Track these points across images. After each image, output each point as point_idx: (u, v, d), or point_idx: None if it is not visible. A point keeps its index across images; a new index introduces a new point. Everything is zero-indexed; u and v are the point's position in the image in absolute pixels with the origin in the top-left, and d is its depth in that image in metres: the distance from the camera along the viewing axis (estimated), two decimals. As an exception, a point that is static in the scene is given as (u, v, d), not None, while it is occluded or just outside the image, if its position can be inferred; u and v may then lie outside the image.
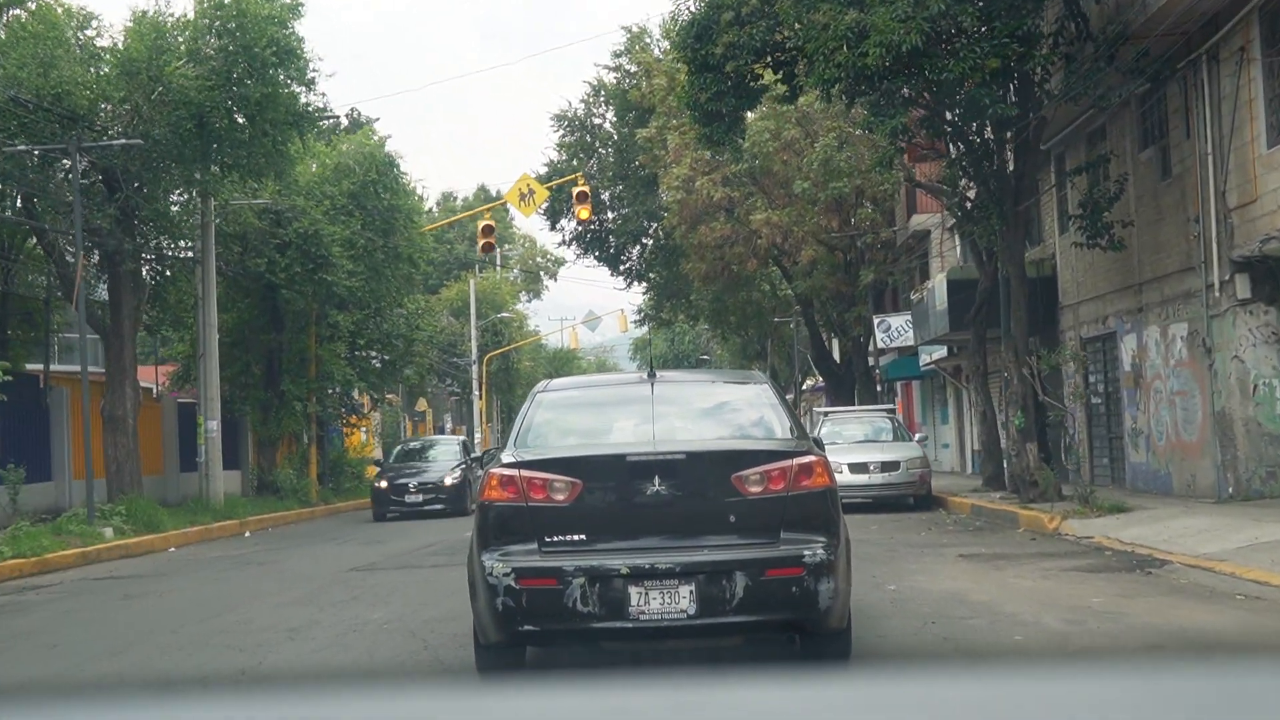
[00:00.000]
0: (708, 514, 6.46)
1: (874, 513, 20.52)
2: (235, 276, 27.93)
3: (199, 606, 11.58)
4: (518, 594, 6.23)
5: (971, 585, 10.66)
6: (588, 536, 6.41)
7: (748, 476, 6.44)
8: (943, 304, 22.89)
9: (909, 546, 14.36)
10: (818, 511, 6.52)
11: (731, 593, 6.19)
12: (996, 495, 19.78)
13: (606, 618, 6.20)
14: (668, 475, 6.44)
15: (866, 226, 29.85)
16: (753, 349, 56.78)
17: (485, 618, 6.42)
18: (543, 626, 6.35)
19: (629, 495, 6.47)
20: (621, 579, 6.20)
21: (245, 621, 10.10)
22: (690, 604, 6.19)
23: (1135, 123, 18.76)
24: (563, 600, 6.19)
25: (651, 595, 6.20)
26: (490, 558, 6.37)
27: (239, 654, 8.49)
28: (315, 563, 15.77)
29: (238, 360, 29.02)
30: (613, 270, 38.04)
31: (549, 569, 6.26)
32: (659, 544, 6.39)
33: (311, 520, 26.96)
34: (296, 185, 27.94)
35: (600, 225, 37.41)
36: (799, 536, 6.37)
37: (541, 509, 6.43)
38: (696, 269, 32.31)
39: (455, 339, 58.95)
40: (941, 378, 32.85)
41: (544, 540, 6.39)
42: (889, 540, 15.37)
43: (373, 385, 32.66)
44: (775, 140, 29.63)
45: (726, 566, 6.23)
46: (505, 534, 6.46)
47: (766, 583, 6.24)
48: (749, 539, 6.39)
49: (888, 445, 21.40)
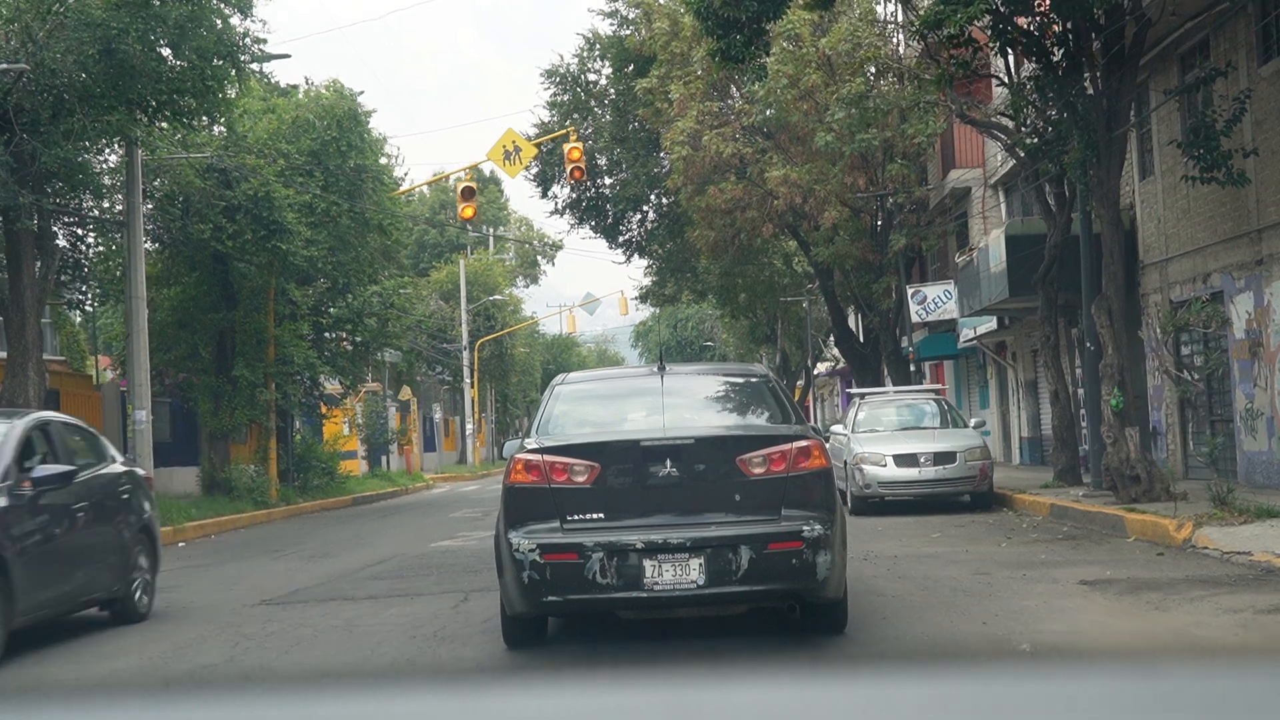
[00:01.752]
0: (714, 494, 6.97)
1: (924, 513, 16.98)
2: (180, 246, 24.40)
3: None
4: (542, 568, 6.73)
5: (1141, 642, 7.13)
6: (605, 515, 6.92)
7: (751, 459, 6.96)
8: (999, 265, 19.33)
9: (1001, 566, 10.82)
10: (815, 491, 6.98)
11: (737, 565, 6.72)
12: (1078, 492, 16.23)
13: (623, 589, 6.73)
14: (678, 459, 6.96)
15: (897, 185, 26.26)
16: (761, 331, 53.18)
17: (512, 590, 6.91)
18: (565, 597, 6.81)
19: (643, 477, 7.00)
20: (637, 553, 6.72)
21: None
22: (700, 575, 6.71)
23: (1252, 31, 15.18)
24: (583, 573, 6.70)
25: (664, 568, 6.71)
26: (517, 535, 6.86)
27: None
28: (224, 589, 12.25)
29: (183, 342, 25.49)
30: (611, 242, 34.34)
31: (570, 545, 6.76)
32: (670, 521, 6.91)
33: (268, 523, 23.43)
34: (246, 141, 24.40)
35: (596, 192, 33.72)
36: (798, 513, 6.86)
37: (563, 490, 6.93)
38: (704, 237, 28.71)
39: (446, 323, 55.41)
40: (980, 356, 29.28)
41: (565, 519, 6.91)
42: (967, 556, 11.84)
43: (341, 371, 29.02)
44: (794, 88, 26.04)
45: (732, 541, 6.75)
46: (530, 514, 6.94)
47: (769, 555, 6.76)
48: (752, 516, 6.89)
49: (940, 433, 17.87)
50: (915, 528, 15.24)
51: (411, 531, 19.03)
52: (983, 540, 13.43)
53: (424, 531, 18.78)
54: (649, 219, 34.09)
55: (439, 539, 16.83)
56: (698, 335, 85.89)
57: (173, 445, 28.32)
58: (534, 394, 74.98)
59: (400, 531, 19.25)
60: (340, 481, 31.20)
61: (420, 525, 20.54)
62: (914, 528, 15.25)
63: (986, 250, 20.30)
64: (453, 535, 17.33)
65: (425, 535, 17.84)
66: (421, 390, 57.87)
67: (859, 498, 17.41)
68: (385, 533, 19.08)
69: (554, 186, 33.60)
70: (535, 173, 33.33)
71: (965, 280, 22.33)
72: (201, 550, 17.83)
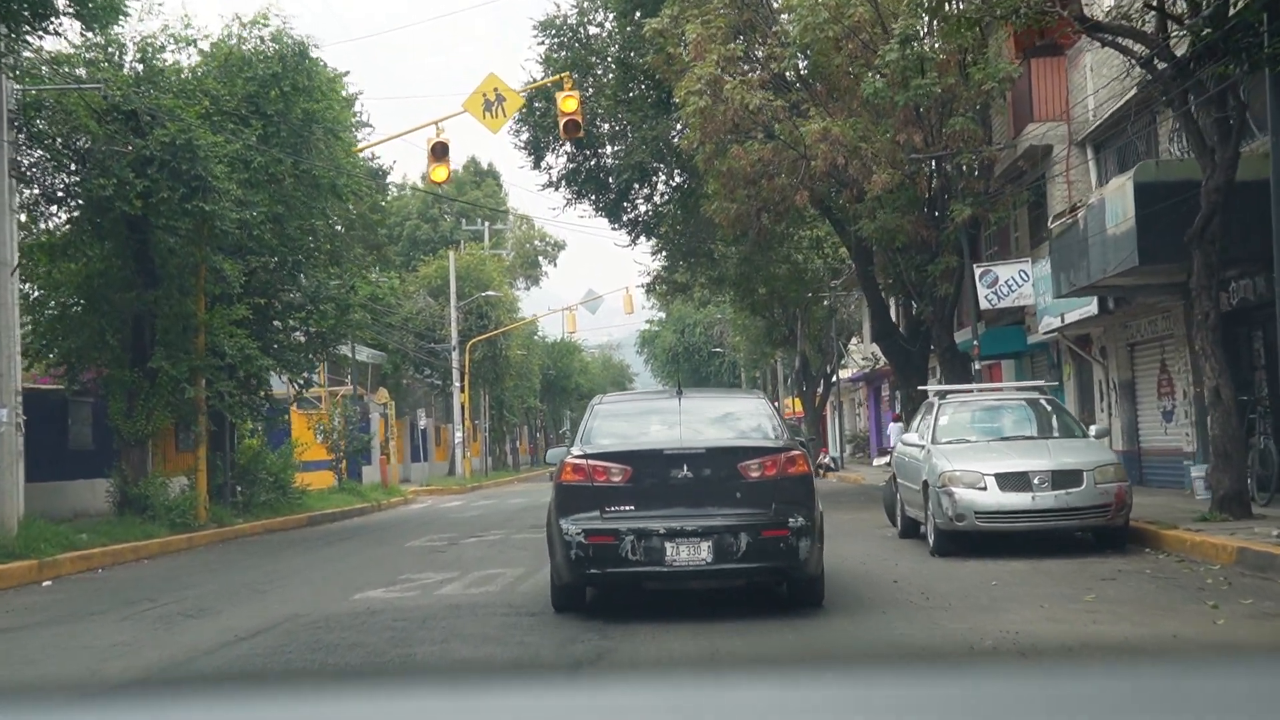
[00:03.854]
0: (720, 491, 8.90)
1: (1037, 553, 12.31)
2: (86, 211, 19.84)
3: None
4: (586, 548, 8.72)
5: None
6: (635, 507, 8.86)
7: (749, 465, 8.96)
8: (1123, 223, 14.63)
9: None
10: (799, 491, 8.95)
11: (738, 547, 8.67)
12: (1271, 531, 11.50)
13: (649, 564, 8.70)
14: (692, 464, 8.97)
15: (960, 144, 21.59)
16: (779, 333, 48.34)
17: (561, 566, 8.97)
18: (604, 570, 8.79)
19: (665, 478, 8.95)
20: (660, 537, 8.68)
21: None
22: (708, 555, 8.66)
23: None
24: (618, 552, 8.68)
25: (681, 548, 8.67)
26: (566, 522, 8.83)
27: None
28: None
29: (88, 326, 20.86)
30: (614, 221, 29.57)
31: (608, 530, 8.74)
32: (686, 512, 8.82)
33: (186, 552, 18.72)
34: (163, 78, 19.82)
35: (598, 162, 28.97)
36: (786, 508, 8.79)
37: (602, 488, 8.93)
38: (724, 210, 24.03)
39: (435, 321, 50.76)
40: (1052, 354, 24.57)
41: (604, 510, 8.87)
42: (1184, 645, 7.19)
43: (288, 365, 24.30)
44: (836, 23, 21.43)
45: (734, 528, 8.69)
46: (576, 505, 8.91)
47: (763, 540, 8.69)
48: (749, 509, 8.82)
49: (1055, 445, 13.17)
50: (1043, 581, 10.57)
51: (344, 570, 14.37)
52: (1169, 609, 8.78)
53: (359, 570, 14.13)
54: (658, 193, 29.32)
55: (371, 586, 12.20)
56: (706, 341, 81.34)
57: (96, 453, 23.78)
58: (532, 401, 70.42)
59: (329, 570, 14.59)
60: (296, 497, 26.51)
61: (361, 560, 15.88)
62: (1041, 581, 10.57)
63: (1101, 207, 15.55)
64: (393, 580, 12.68)
65: (356, 578, 13.18)
66: (409, 395, 53.26)
67: (946, 532, 12.75)
68: (307, 573, 14.38)
69: (548, 155, 28.86)
70: (526, 139, 28.60)
71: (1063, 252, 17.58)
72: (54, 597, 13.15)
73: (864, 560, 12.67)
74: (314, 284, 23.29)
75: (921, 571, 11.60)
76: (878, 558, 12.99)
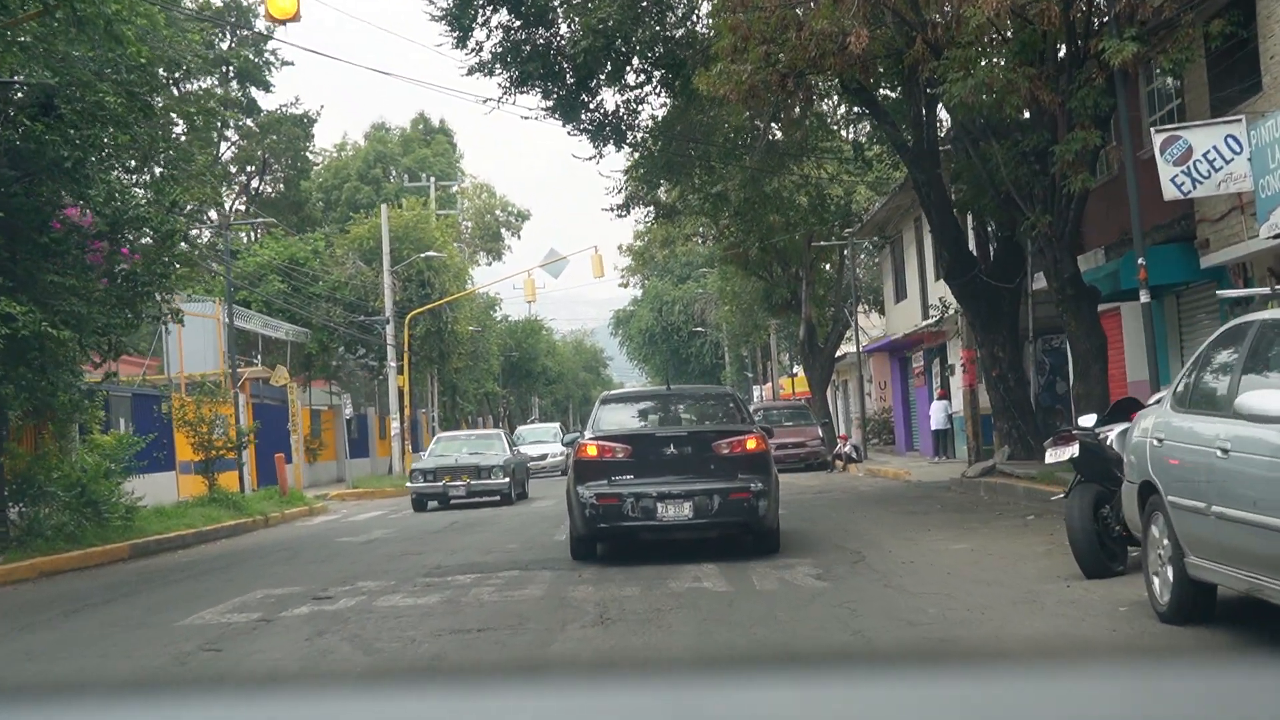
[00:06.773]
0: (698, 464, 11.87)
1: None
2: None
3: None
4: (596, 507, 11.64)
5: None
6: (635, 476, 11.78)
7: (720, 444, 11.97)
8: None
9: None
10: (758, 463, 11.86)
11: (712, 506, 11.57)
12: None
13: (644, 519, 11.61)
14: (677, 443, 12.11)
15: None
16: (780, 296, 39.90)
17: (578, 521, 11.89)
18: (611, 524, 11.68)
19: (658, 454, 11.98)
20: (652, 499, 11.58)
21: None
22: (690, 512, 11.57)
23: None
24: (621, 510, 11.60)
25: (669, 507, 11.56)
26: (582, 488, 11.73)
27: None
28: None
29: None
30: (571, 121, 21.09)
31: (614, 493, 11.67)
32: (673, 480, 11.73)
33: None
34: None
35: (548, 40, 20.53)
36: (748, 477, 11.70)
37: (609, 462, 11.88)
38: (732, 78, 15.84)
39: (368, 291, 42.39)
40: (1232, 284, 16.40)
41: (611, 478, 11.78)
42: None
43: (73, 325, 15.77)
44: None
45: (709, 492, 11.60)
46: (590, 476, 11.81)
47: (731, 500, 11.58)
48: (721, 477, 11.74)
49: None
50: None
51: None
52: None
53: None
54: (633, 72, 20.81)
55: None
56: (686, 320, 73.24)
57: None
58: (491, 385, 62.20)
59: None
60: (119, 516, 18.27)
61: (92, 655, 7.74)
62: None
63: None
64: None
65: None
66: (351, 381, 44.89)
67: None
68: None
69: (475, 30, 20.30)
70: (446, 5, 20.12)
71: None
72: None
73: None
74: (105, 193, 14.90)
75: None
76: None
